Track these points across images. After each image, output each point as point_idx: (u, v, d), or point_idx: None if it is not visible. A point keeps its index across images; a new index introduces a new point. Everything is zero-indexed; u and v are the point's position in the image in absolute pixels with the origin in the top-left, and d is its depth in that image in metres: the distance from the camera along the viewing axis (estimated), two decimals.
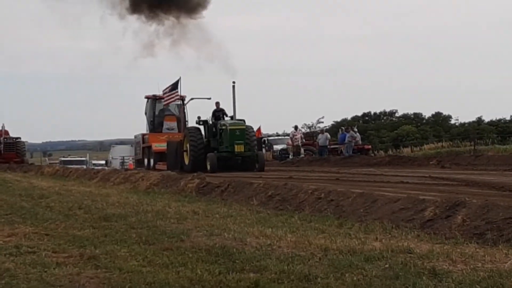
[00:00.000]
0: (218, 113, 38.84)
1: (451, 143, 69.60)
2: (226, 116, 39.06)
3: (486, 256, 10.61)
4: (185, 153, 38.35)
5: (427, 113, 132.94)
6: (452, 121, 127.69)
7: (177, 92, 42.83)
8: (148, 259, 11.19)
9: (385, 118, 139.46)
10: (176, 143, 39.98)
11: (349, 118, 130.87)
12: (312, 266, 10.10)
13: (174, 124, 45.01)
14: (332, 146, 59.24)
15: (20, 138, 79.48)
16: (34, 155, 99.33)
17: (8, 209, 20.64)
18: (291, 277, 9.37)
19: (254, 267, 10.19)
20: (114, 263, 10.93)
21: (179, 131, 43.85)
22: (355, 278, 9.23)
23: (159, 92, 45.72)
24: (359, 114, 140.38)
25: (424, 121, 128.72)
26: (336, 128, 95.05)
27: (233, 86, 38.90)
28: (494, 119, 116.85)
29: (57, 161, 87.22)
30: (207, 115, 39.33)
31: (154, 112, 45.97)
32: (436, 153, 47.74)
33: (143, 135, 46.29)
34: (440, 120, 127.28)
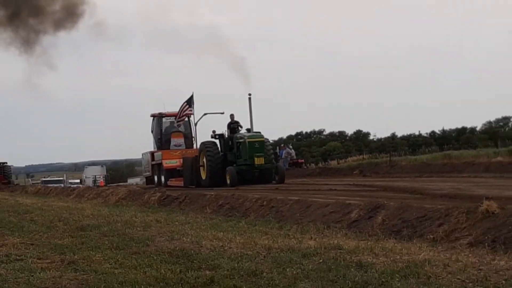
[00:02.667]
0: (233, 125, 33.71)
1: (370, 155, 70.08)
2: (241, 128, 33.78)
3: (403, 249, 10.72)
4: (201, 168, 33.16)
5: (349, 131, 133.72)
6: (371, 137, 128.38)
7: (191, 108, 37.89)
8: (119, 262, 11.12)
9: (314, 136, 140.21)
10: (191, 159, 34.83)
11: (284, 137, 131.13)
12: (258, 263, 10.10)
13: (181, 140, 40.27)
14: None
15: (6, 163, 79.11)
16: (19, 176, 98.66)
17: None
18: (240, 273, 9.36)
19: (209, 265, 10.18)
20: (91, 266, 10.85)
21: (187, 147, 40.00)
22: (294, 272, 9.24)
23: (165, 110, 41.08)
24: (293, 133, 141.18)
25: (348, 137, 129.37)
26: (274, 146, 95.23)
27: (249, 98, 33.50)
28: (405, 134, 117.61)
29: (39, 181, 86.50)
30: (214, 130, 34.08)
31: (161, 130, 40.54)
32: (358, 164, 48.01)
33: (152, 152, 41.31)
34: (360, 136, 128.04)
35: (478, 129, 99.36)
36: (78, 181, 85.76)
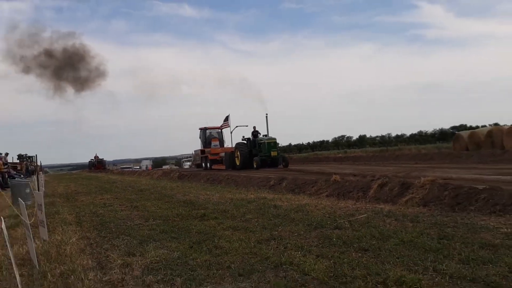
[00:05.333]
0: (255, 132, 29.46)
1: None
2: (260, 134, 29.51)
3: (296, 199, 10.78)
4: (236, 158, 29.14)
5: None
6: (279, 145, 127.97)
7: (228, 123, 32.86)
8: (159, 206, 11.05)
9: None
10: (229, 153, 30.44)
11: None
12: (227, 206, 10.08)
13: (217, 143, 35.72)
14: None
15: (103, 158, 78.27)
16: (110, 166, 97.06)
17: (99, 188, 20.25)
18: (218, 211, 9.35)
19: (203, 207, 10.14)
20: (145, 208, 10.78)
21: (221, 146, 35.28)
22: (244, 210, 9.24)
23: (207, 125, 36.71)
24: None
25: None
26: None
27: (266, 116, 29.53)
28: (296, 143, 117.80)
29: (119, 168, 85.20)
30: (243, 136, 30.19)
31: (205, 136, 36.11)
32: None
33: (201, 150, 36.48)
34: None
35: (330, 140, 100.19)
36: (138, 167, 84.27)
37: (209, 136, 36.32)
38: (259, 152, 28.00)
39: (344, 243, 5.80)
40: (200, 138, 36.76)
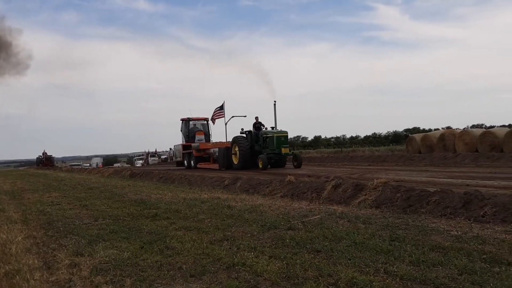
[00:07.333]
0: (258, 124, 24.32)
1: None
2: (263, 127, 24.40)
3: (250, 199, 10.82)
4: (233, 156, 24.41)
5: None
6: None
7: (223, 111, 27.56)
8: (109, 205, 10.88)
9: None
10: (224, 149, 25.39)
11: None
12: (179, 206, 10.03)
13: (202, 136, 30.74)
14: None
15: (52, 155, 76.63)
16: (58, 162, 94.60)
17: (47, 186, 19.82)
18: (170, 211, 9.29)
19: (154, 207, 10.04)
20: (94, 207, 10.61)
21: (206, 141, 30.53)
22: (197, 210, 9.21)
23: (191, 115, 31.56)
24: None
25: None
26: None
27: (274, 104, 23.67)
28: None
29: (68, 165, 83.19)
30: (242, 128, 25.15)
31: (188, 129, 30.97)
32: None
33: (183, 145, 31.08)
34: None
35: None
36: (88, 165, 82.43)
37: (192, 129, 31.79)
38: (264, 148, 23.40)
39: (297, 244, 5.85)
40: (181, 130, 32.18)
